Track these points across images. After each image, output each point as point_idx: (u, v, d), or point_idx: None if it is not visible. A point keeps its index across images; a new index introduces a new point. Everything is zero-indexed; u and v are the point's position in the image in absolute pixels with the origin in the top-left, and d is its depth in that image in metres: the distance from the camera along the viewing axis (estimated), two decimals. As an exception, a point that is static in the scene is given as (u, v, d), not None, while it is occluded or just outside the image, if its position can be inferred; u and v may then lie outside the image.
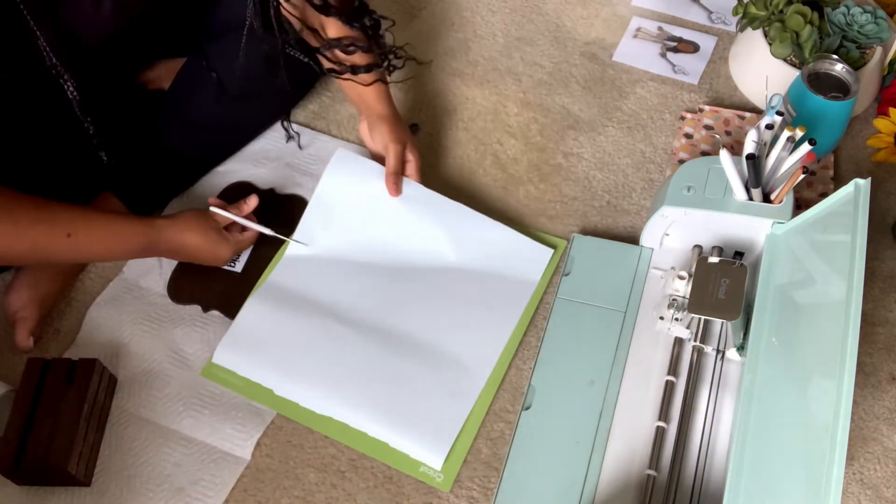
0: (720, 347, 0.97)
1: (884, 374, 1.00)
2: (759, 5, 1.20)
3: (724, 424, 0.93)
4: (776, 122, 0.97)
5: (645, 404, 0.95)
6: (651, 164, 1.19)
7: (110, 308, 1.05)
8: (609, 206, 1.15)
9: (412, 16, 1.39)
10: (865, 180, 0.84)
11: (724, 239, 1.00)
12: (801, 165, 0.92)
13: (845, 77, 1.10)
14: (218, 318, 1.05)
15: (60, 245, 0.91)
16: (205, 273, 1.07)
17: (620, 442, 0.93)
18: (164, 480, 0.93)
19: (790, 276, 0.92)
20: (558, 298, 1.03)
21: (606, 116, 1.25)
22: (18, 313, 1.02)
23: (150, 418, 0.97)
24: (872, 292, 1.06)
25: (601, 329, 1.00)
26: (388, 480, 0.94)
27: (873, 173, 1.16)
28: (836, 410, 0.71)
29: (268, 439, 0.96)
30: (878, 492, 0.92)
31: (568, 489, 0.90)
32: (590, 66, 1.31)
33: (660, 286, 1.03)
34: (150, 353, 1.01)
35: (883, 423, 0.96)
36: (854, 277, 0.78)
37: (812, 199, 1.13)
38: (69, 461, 0.89)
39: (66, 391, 0.93)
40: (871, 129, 1.19)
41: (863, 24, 1.17)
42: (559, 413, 0.95)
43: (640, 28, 1.36)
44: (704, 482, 0.89)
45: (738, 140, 1.19)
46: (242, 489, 0.93)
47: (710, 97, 1.26)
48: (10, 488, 0.92)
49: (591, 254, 1.07)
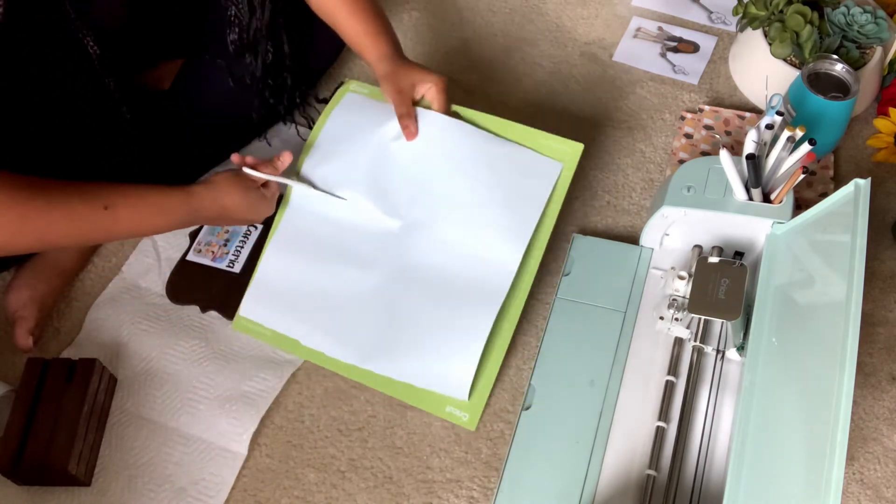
0: (720, 347, 0.97)
1: (884, 374, 1.00)
2: (759, 5, 1.20)
3: (724, 424, 0.93)
4: (776, 122, 0.97)
5: (645, 404, 0.95)
6: (651, 164, 1.19)
7: (110, 308, 1.05)
8: (609, 206, 1.15)
9: (412, 16, 1.39)
10: (865, 180, 0.84)
11: (724, 239, 1.00)
12: (801, 165, 0.92)
13: (845, 77, 1.10)
14: (216, 319, 1.05)
15: (99, 219, 0.87)
16: (203, 274, 1.07)
17: (620, 442, 0.93)
18: (164, 480, 0.93)
19: (790, 277, 0.92)
20: (558, 298, 1.03)
21: (606, 116, 1.25)
22: (18, 313, 1.02)
23: (149, 418, 0.97)
24: (872, 292, 1.06)
25: (601, 329, 1.00)
26: (388, 480, 0.94)
27: (873, 173, 1.16)
28: (836, 410, 0.71)
29: (268, 439, 0.96)
30: (878, 492, 0.92)
31: (568, 489, 0.90)
32: (590, 66, 1.31)
33: (660, 286, 1.03)
34: (150, 352, 1.01)
35: (883, 423, 0.96)
36: (854, 277, 0.78)
37: (812, 199, 1.13)
38: (69, 461, 0.89)
39: (65, 391, 0.93)
40: (871, 129, 1.19)
41: (863, 24, 1.17)
42: (559, 413, 0.95)
43: (640, 28, 1.36)
44: (704, 482, 0.89)
45: (738, 140, 1.19)
46: (242, 489, 0.93)
47: (710, 97, 1.26)
48: (10, 488, 0.92)
49: (591, 254, 1.07)
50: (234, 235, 1.11)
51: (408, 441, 0.96)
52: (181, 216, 0.95)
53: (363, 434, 0.97)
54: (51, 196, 0.84)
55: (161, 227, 0.96)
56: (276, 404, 0.98)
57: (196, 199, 0.95)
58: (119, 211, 0.88)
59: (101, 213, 0.87)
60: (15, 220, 0.82)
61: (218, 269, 1.08)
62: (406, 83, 1.04)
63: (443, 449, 0.96)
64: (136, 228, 0.94)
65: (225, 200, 0.97)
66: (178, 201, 0.94)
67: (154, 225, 0.95)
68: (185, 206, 0.94)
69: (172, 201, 0.94)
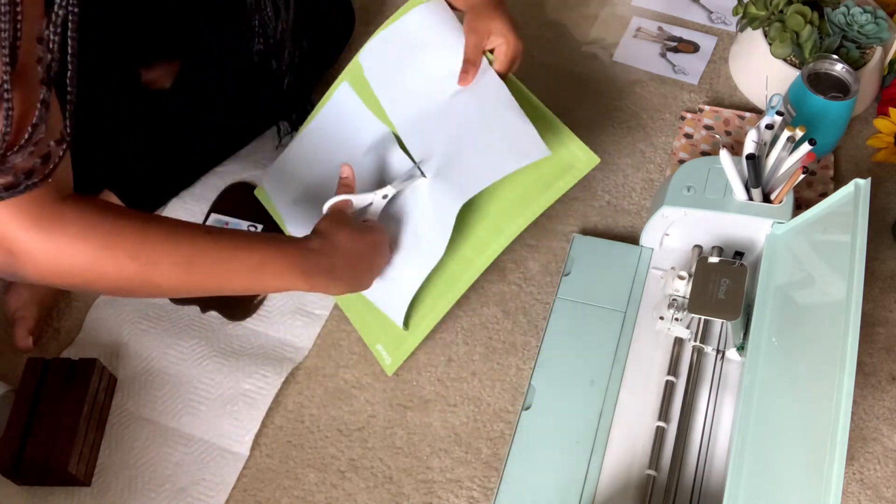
0: (720, 347, 0.97)
1: (884, 374, 1.00)
2: (759, 5, 1.20)
3: (724, 424, 0.93)
4: (776, 122, 0.97)
5: (645, 404, 0.95)
6: (651, 164, 1.19)
7: (110, 308, 1.05)
8: (609, 206, 1.15)
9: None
10: (865, 180, 0.84)
11: (724, 239, 1.00)
12: (801, 165, 0.92)
13: (845, 77, 1.10)
14: (216, 319, 1.05)
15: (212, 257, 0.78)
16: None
17: (620, 442, 0.93)
18: (165, 480, 0.93)
19: (790, 277, 0.92)
20: (558, 298, 1.03)
21: (606, 116, 1.25)
22: (18, 313, 1.02)
23: (150, 418, 0.97)
24: (872, 292, 1.06)
25: (601, 329, 1.00)
26: (388, 480, 0.94)
27: (873, 173, 1.16)
28: (836, 410, 0.71)
29: (268, 439, 0.96)
30: (878, 492, 0.92)
31: (568, 489, 0.90)
32: (590, 66, 1.31)
33: (660, 286, 1.03)
34: (150, 352, 1.01)
35: (883, 423, 0.96)
36: (854, 277, 0.78)
37: (812, 199, 1.13)
38: (69, 461, 0.89)
39: (66, 391, 0.93)
40: (871, 129, 1.19)
41: (863, 24, 1.17)
42: (559, 413, 0.95)
43: (640, 28, 1.36)
44: (704, 482, 0.89)
45: (738, 140, 1.19)
46: (243, 489, 0.93)
47: (710, 97, 1.26)
48: (10, 488, 0.92)
49: (591, 254, 1.07)
50: (234, 235, 1.11)
51: (408, 441, 0.96)
52: (296, 261, 0.84)
53: (363, 434, 0.97)
54: (169, 224, 0.77)
55: (271, 272, 0.83)
56: (276, 404, 0.98)
57: (308, 242, 0.86)
58: (227, 249, 0.79)
59: (212, 246, 0.78)
60: (133, 244, 0.73)
61: (218, 269, 1.08)
62: (483, 27, 0.98)
63: (443, 449, 0.96)
64: (244, 272, 0.81)
65: (337, 241, 0.87)
66: (292, 242, 0.86)
67: (263, 268, 0.82)
68: (298, 247, 0.85)
69: (287, 242, 0.86)
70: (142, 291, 0.77)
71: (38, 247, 0.69)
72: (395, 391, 1.00)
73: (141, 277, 0.74)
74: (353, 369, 1.02)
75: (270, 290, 0.89)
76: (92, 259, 0.71)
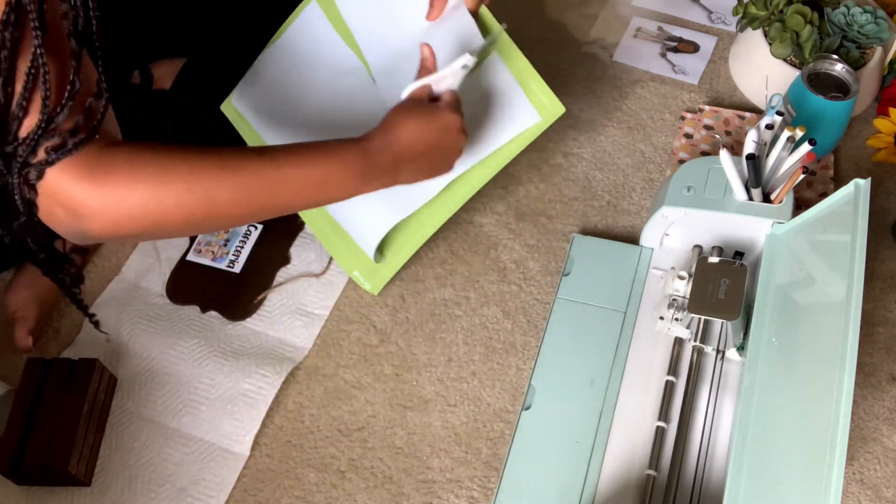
0: (720, 347, 0.97)
1: (884, 374, 1.00)
2: (759, 5, 1.20)
3: (724, 424, 0.93)
4: (776, 122, 0.97)
5: (645, 404, 0.95)
6: (651, 164, 1.19)
7: (110, 308, 1.05)
8: (609, 206, 1.15)
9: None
10: (865, 180, 0.84)
11: (724, 239, 1.00)
12: (801, 165, 0.92)
13: (845, 77, 1.10)
14: (216, 319, 1.05)
15: (271, 178, 0.77)
16: (203, 274, 1.07)
17: (620, 442, 0.93)
18: (165, 480, 0.93)
19: (790, 277, 0.92)
20: (558, 298, 1.03)
21: (606, 116, 1.25)
22: (18, 313, 1.02)
23: (150, 418, 0.97)
24: (872, 292, 1.06)
25: (601, 329, 1.00)
26: (388, 480, 0.94)
27: (873, 173, 1.16)
28: (836, 410, 0.71)
29: (268, 439, 0.96)
30: (878, 492, 0.92)
31: (568, 489, 0.90)
32: (590, 66, 1.31)
33: (660, 286, 1.03)
34: (150, 352, 1.01)
35: (883, 423, 0.96)
36: (854, 277, 0.78)
37: (812, 199, 1.13)
38: (69, 461, 0.89)
39: (66, 391, 0.93)
40: (871, 129, 1.19)
41: (863, 24, 1.17)
42: (559, 413, 0.95)
43: (640, 28, 1.36)
44: (704, 482, 0.89)
45: (738, 140, 1.19)
46: (242, 489, 0.93)
47: (710, 97, 1.26)
48: (10, 488, 0.92)
49: (590, 254, 1.07)
50: (234, 235, 1.11)
51: (408, 441, 0.96)
52: (357, 166, 0.82)
53: (363, 434, 0.97)
54: (220, 152, 0.76)
55: (334, 183, 0.83)
56: (276, 404, 0.98)
57: (367, 143, 0.84)
58: (285, 167, 0.78)
59: (273, 173, 0.77)
60: (185, 176, 0.73)
61: (218, 269, 1.08)
62: None
63: (443, 449, 0.96)
64: (306, 187, 0.80)
65: (400, 134, 0.85)
66: (350, 146, 0.83)
67: (326, 180, 0.81)
68: (358, 150, 0.83)
69: (346, 151, 0.83)
70: (211, 224, 0.77)
71: (95, 198, 0.69)
72: (395, 391, 1.00)
73: (203, 210, 0.74)
74: (353, 369, 1.02)
75: (336, 200, 0.86)
76: (147, 199, 0.71)
